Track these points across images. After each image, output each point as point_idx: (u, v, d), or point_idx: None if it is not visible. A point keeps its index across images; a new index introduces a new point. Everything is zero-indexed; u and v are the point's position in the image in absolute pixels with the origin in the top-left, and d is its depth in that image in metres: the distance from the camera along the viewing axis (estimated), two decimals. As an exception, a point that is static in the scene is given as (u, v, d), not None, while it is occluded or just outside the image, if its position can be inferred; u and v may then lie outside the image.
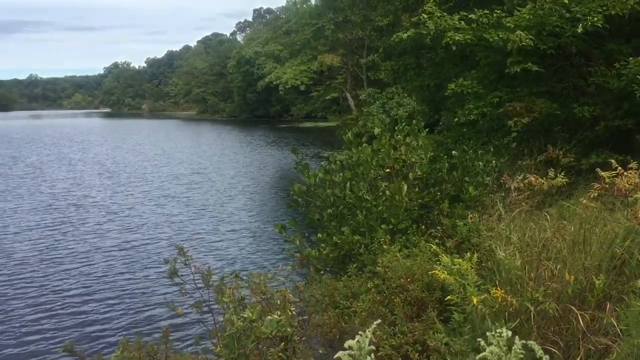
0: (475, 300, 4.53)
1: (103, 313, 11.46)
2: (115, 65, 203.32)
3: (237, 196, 25.35)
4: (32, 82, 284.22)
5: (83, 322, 10.96)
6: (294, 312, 4.14)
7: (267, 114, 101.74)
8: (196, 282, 4.51)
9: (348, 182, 8.06)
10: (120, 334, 10.12)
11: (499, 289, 4.77)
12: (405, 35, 13.09)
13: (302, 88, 67.03)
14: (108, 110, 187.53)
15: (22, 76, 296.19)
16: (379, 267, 6.19)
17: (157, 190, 26.49)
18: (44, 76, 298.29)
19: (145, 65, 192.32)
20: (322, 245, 7.94)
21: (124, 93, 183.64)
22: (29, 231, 18.26)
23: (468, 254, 5.52)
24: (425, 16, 12.36)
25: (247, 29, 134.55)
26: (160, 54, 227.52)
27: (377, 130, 8.17)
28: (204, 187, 27.42)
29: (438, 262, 5.56)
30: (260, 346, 3.87)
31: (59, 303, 11.89)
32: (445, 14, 12.48)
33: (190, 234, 17.71)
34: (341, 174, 8.25)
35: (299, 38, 59.42)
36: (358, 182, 8.06)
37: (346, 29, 48.85)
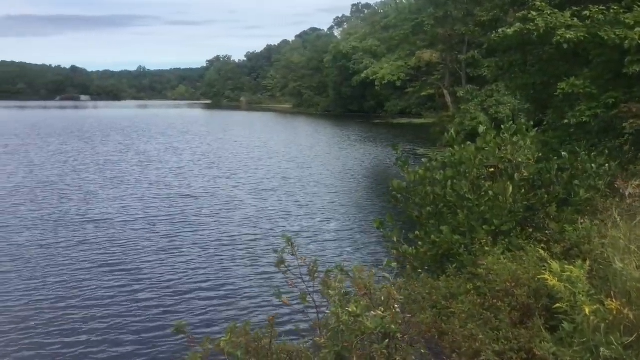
0: (587, 310, 4.31)
1: (211, 299, 12.03)
2: (217, 58, 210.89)
3: (334, 191, 25.57)
4: (141, 74, 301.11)
5: (192, 307, 11.55)
6: (397, 310, 4.11)
7: (361, 109, 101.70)
8: (302, 273, 4.59)
9: (449, 181, 7.88)
10: (227, 319, 10.60)
11: (613, 300, 4.50)
12: (510, 31, 12.64)
13: (398, 84, 66.35)
14: (209, 102, 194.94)
15: (132, 68, 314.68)
16: (482, 268, 6.02)
17: (259, 183, 27.14)
18: (152, 68, 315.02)
19: (244, 59, 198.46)
20: (420, 243, 7.83)
21: (224, 86, 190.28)
22: (139, 220, 19.18)
23: (579, 261, 5.25)
24: (534, 13, 11.87)
25: (345, 24, 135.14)
26: (259, 48, 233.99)
27: (481, 128, 7.90)
28: (303, 181, 27.84)
29: (544, 268, 5.33)
30: (363, 341, 3.88)
31: (169, 289, 12.56)
32: (555, 10, 11.93)
33: (289, 227, 18.14)
34: (442, 172, 8.09)
35: (397, 34, 58.82)
36: (460, 180, 7.86)
37: (446, 24, 47.76)
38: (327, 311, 4.49)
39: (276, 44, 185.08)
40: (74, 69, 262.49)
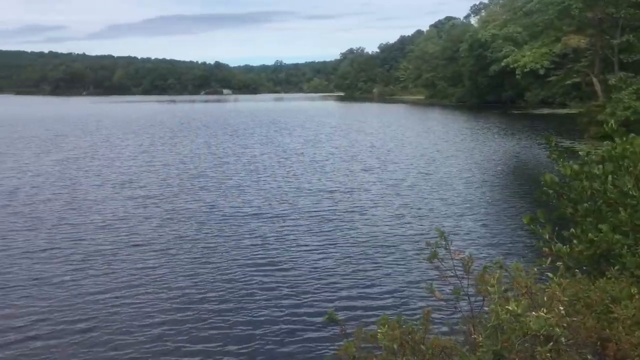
0: None
1: (358, 292, 12.24)
2: (350, 51, 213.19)
3: (476, 186, 24.79)
4: (278, 68, 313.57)
5: (339, 299, 11.84)
6: (562, 312, 3.87)
7: (498, 99, 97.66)
8: (455, 268, 4.48)
9: (609, 176, 7.28)
10: (374, 312, 10.78)
11: None
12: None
13: (542, 72, 62.57)
14: (341, 93, 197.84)
15: (270, 62, 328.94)
16: (651, 272, 5.52)
17: (398, 178, 26.89)
18: (288, 62, 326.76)
19: (377, 50, 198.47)
20: (575, 241, 7.34)
21: (356, 77, 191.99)
22: (283, 215, 19.57)
23: None
24: None
25: (482, 11, 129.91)
26: (392, 39, 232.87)
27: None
28: (444, 177, 27.23)
29: None
30: (524, 343, 3.71)
31: (317, 281, 12.92)
32: None
33: (432, 223, 17.95)
34: (601, 166, 7.50)
35: (541, 19, 55.37)
36: (622, 176, 7.25)
37: (597, 7, 44.16)
38: (482, 308, 4.35)
39: (410, 35, 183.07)
40: (217, 64, 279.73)
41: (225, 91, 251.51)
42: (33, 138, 48.53)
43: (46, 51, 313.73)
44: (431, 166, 30.50)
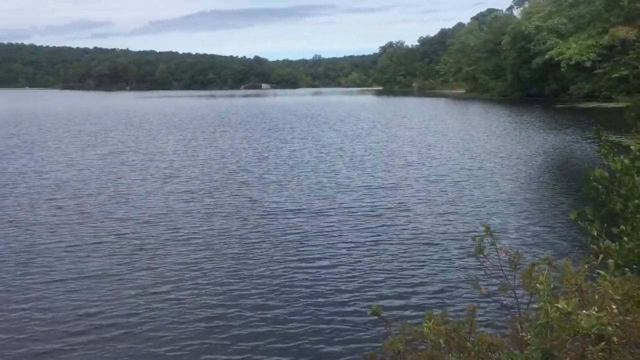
0: None
1: (406, 286, 12.23)
2: (390, 44, 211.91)
3: (521, 182, 24.31)
4: (316, 62, 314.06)
5: (386, 294, 11.83)
6: (615, 311, 3.76)
7: (541, 92, 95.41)
8: (501, 264, 4.40)
9: (663, 171, 7.03)
10: (421, 308, 10.71)
11: None
12: None
13: (588, 64, 60.91)
14: (380, 88, 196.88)
15: (309, 56, 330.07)
16: None
17: (441, 174, 26.41)
18: (327, 56, 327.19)
19: (417, 44, 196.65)
20: (625, 239, 7.12)
21: (395, 71, 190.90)
22: (326, 211, 19.41)
23: None
24: None
25: (525, 2, 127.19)
26: (432, 32, 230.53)
27: None
28: (488, 173, 26.78)
29: None
30: (574, 342, 3.62)
31: (364, 276, 12.93)
32: None
33: (477, 219, 17.67)
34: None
35: (587, 10, 53.93)
36: (676, 171, 6.98)
37: (647, -4, 42.77)
38: (530, 306, 4.27)
39: (450, 28, 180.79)
40: (256, 59, 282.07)
41: (264, 85, 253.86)
42: (79, 132, 49.89)
43: (91, 47, 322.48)
44: (474, 162, 29.94)
